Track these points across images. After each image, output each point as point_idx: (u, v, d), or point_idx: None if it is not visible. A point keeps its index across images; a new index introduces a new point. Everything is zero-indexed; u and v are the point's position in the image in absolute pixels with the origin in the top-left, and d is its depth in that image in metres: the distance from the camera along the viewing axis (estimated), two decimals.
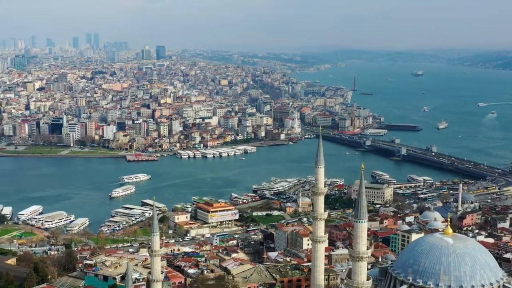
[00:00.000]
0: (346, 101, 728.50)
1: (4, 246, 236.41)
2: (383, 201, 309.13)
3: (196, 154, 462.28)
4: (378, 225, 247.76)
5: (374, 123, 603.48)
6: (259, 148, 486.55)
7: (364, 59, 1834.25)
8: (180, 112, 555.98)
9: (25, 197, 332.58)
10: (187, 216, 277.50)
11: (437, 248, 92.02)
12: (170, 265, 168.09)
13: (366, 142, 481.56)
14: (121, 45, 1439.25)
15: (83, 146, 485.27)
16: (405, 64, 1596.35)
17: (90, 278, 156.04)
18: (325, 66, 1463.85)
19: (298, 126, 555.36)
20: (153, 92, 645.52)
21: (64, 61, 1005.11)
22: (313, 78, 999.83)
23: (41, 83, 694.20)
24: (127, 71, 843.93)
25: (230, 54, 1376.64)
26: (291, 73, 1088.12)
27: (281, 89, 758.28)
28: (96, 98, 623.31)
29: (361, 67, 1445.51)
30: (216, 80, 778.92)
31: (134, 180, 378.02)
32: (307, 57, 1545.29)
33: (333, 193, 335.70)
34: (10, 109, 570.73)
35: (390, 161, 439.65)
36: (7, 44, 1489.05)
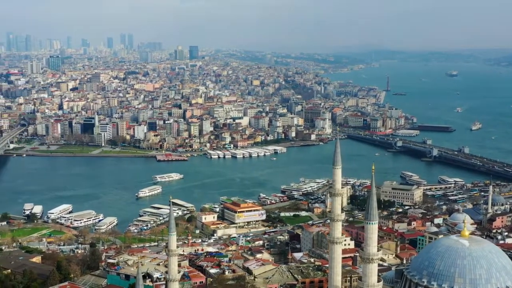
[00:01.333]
0: (379, 101, 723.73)
1: (33, 244, 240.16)
2: (412, 202, 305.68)
3: (226, 154, 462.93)
4: (406, 226, 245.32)
5: (406, 124, 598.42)
6: (289, 148, 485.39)
7: (398, 59, 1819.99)
8: (211, 112, 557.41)
9: (55, 196, 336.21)
10: (214, 216, 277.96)
11: (452, 250, 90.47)
12: (192, 264, 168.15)
13: (397, 143, 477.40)
14: (154, 46, 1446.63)
15: (114, 146, 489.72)
16: (440, 64, 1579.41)
17: (112, 277, 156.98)
18: (359, 66, 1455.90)
19: (329, 126, 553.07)
20: (185, 92, 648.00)
21: (98, 61, 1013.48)
22: (346, 78, 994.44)
23: (75, 83, 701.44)
24: (160, 72, 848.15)
25: (263, 54, 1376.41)
26: (324, 73, 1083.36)
27: (313, 89, 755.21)
28: (128, 98, 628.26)
29: (395, 67, 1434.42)
30: (248, 81, 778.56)
31: (167, 179, 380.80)
32: (340, 57, 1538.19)
33: (362, 194, 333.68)
34: (43, 109, 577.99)
35: (421, 162, 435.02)
36: (43, 44, 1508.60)
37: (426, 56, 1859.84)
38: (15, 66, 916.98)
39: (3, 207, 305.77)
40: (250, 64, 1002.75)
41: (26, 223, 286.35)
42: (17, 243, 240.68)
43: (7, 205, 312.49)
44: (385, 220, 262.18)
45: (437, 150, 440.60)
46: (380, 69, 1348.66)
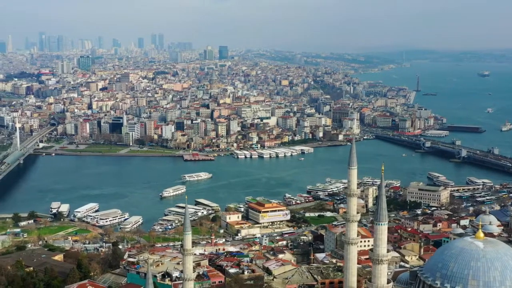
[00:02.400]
0: (408, 101, 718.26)
1: (59, 242, 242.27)
2: (439, 203, 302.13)
3: (253, 154, 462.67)
4: (431, 228, 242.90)
5: (436, 124, 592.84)
6: (316, 148, 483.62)
7: (429, 59, 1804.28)
8: (239, 112, 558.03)
9: (82, 195, 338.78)
10: (239, 216, 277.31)
11: (466, 252, 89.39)
12: (212, 264, 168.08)
13: (426, 144, 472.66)
14: (185, 46, 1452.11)
15: (141, 145, 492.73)
16: (471, 65, 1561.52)
17: (132, 276, 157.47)
18: (389, 66, 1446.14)
19: (357, 126, 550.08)
20: (213, 92, 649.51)
21: (128, 61, 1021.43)
22: (376, 78, 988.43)
23: (104, 83, 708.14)
24: (189, 72, 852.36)
25: (293, 54, 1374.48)
26: (354, 73, 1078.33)
27: (342, 89, 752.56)
28: (156, 98, 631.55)
29: (426, 67, 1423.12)
30: (276, 81, 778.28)
31: (196, 178, 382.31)
32: (371, 57, 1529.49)
33: (388, 194, 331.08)
34: (73, 109, 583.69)
35: (450, 163, 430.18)
36: (75, 45, 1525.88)
37: (458, 56, 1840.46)
38: (47, 66, 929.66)
39: (31, 205, 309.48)
40: (279, 64, 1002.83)
41: (53, 221, 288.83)
42: (43, 241, 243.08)
43: (34, 204, 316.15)
44: (410, 221, 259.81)
45: (466, 151, 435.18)
46: (411, 69, 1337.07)
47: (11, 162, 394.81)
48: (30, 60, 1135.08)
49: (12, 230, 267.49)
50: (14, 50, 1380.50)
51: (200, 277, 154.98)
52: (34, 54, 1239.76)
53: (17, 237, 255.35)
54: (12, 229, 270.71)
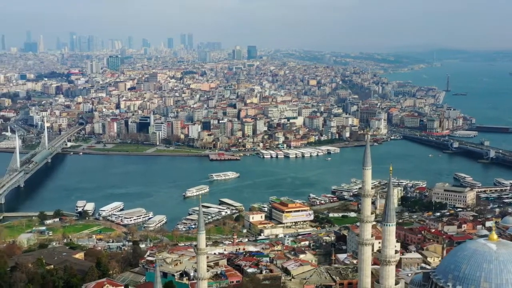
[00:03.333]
0: (438, 101, 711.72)
1: (83, 241, 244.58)
2: (465, 204, 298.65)
3: (279, 154, 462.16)
4: (455, 229, 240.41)
5: (465, 125, 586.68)
6: (342, 149, 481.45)
7: (460, 58, 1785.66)
8: (266, 112, 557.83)
9: (108, 194, 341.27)
10: (262, 216, 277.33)
11: (479, 254, 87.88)
12: (230, 264, 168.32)
13: (453, 144, 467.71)
14: (214, 46, 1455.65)
15: (168, 145, 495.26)
16: (505, 64, 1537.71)
17: (151, 274, 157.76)
18: (419, 66, 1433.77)
19: (384, 127, 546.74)
20: (240, 92, 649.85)
21: (157, 61, 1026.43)
22: (406, 78, 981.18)
23: (132, 83, 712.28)
24: (218, 71, 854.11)
25: (322, 54, 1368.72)
26: (383, 73, 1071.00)
27: (371, 89, 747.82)
28: (184, 97, 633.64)
29: (457, 67, 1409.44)
30: (304, 80, 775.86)
31: (223, 177, 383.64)
32: (401, 57, 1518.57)
33: (414, 195, 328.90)
34: (101, 108, 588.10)
35: (478, 164, 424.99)
36: (105, 45, 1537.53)
37: (491, 56, 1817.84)
38: (77, 66, 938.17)
39: (57, 204, 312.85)
40: (307, 64, 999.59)
41: (78, 220, 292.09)
42: (67, 240, 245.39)
43: (61, 202, 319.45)
44: (434, 222, 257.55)
45: (494, 152, 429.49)
46: (441, 69, 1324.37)
47: (39, 161, 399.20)
48: (61, 60, 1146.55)
49: (38, 228, 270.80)
50: (45, 50, 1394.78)
51: (217, 276, 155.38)
52: (65, 54, 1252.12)
53: (42, 235, 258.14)
54: (37, 227, 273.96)
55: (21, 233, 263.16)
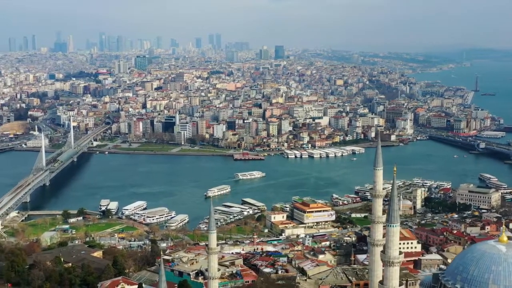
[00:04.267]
0: (466, 102, 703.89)
1: (105, 239, 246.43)
2: (489, 206, 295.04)
3: (303, 154, 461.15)
4: (478, 230, 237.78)
5: (492, 125, 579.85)
6: (367, 149, 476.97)
7: (490, 58, 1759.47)
8: (291, 112, 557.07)
9: (131, 193, 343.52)
10: (284, 216, 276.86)
11: (488, 256, 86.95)
12: (246, 263, 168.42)
13: (480, 145, 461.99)
14: (242, 46, 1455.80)
15: (193, 145, 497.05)
16: None
17: (167, 273, 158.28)
18: (449, 66, 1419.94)
19: (410, 127, 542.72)
20: (266, 92, 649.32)
21: (184, 61, 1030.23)
22: (434, 78, 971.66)
23: (159, 83, 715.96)
24: (244, 71, 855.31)
25: (350, 54, 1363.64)
26: (412, 73, 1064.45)
27: (398, 89, 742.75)
28: (210, 97, 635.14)
29: (487, 66, 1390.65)
30: (331, 80, 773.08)
31: (249, 177, 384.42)
32: (430, 56, 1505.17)
33: (438, 196, 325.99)
34: (127, 108, 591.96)
35: (505, 165, 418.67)
36: (134, 45, 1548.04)
37: None
38: (105, 66, 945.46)
39: (81, 202, 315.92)
40: (334, 63, 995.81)
41: (101, 218, 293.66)
42: (89, 238, 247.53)
43: (85, 201, 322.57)
44: (457, 223, 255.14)
45: None
46: (471, 68, 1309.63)
47: (64, 160, 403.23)
48: (90, 60, 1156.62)
49: (61, 227, 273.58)
50: (75, 50, 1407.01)
51: (233, 276, 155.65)
52: (94, 54, 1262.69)
53: (65, 234, 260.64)
54: (61, 225, 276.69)
55: (44, 231, 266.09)
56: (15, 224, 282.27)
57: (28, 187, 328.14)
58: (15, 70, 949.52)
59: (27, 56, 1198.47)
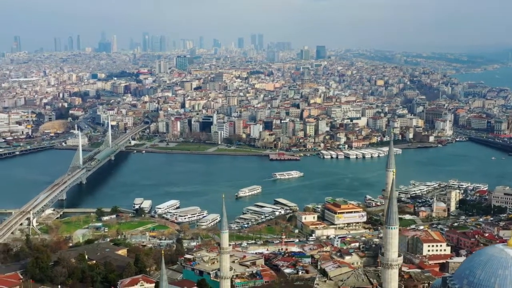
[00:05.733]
0: (508, 103, 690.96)
1: (136, 238, 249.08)
2: None
3: (339, 154, 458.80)
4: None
5: None
6: (405, 150, 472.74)
7: None
8: (329, 112, 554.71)
9: (166, 192, 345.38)
10: (314, 217, 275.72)
11: (495, 260, 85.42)
12: (268, 263, 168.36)
13: None
14: (283, 46, 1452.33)
15: (229, 144, 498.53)
16: None
17: (187, 272, 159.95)
18: (493, 66, 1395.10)
19: (449, 128, 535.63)
20: (304, 92, 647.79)
21: (225, 61, 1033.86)
22: (478, 79, 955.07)
23: (198, 83, 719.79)
24: (285, 71, 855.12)
25: (393, 54, 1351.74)
26: (455, 73, 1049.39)
27: (439, 90, 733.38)
28: (248, 97, 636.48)
29: None
30: (372, 81, 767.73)
31: (287, 177, 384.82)
32: (474, 57, 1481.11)
33: (473, 198, 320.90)
34: (166, 107, 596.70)
35: None
36: (177, 45, 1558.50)
37: None
38: (147, 66, 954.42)
39: (116, 200, 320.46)
40: (375, 64, 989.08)
41: (134, 217, 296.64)
42: (121, 236, 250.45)
43: (119, 199, 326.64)
44: (490, 226, 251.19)
45: None
46: None
47: (101, 158, 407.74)
48: (133, 60, 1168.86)
49: (94, 224, 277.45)
50: (118, 50, 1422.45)
51: (253, 275, 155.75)
52: (137, 54, 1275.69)
53: (97, 231, 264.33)
54: (94, 223, 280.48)
55: (78, 228, 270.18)
56: (50, 221, 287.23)
57: (64, 185, 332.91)
58: (59, 70, 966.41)
59: (71, 56, 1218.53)
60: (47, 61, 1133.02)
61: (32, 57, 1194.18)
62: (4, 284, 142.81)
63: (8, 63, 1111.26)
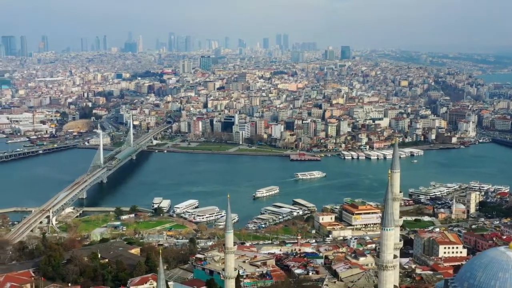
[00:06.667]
0: None
1: (153, 237, 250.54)
2: None
3: (360, 155, 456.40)
4: None
5: None
6: (427, 151, 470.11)
7: None
8: (351, 113, 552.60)
9: (185, 191, 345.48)
10: (332, 217, 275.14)
11: (495, 262, 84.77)
12: (279, 264, 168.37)
13: None
14: (309, 46, 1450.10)
15: (250, 144, 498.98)
16: None
17: (198, 272, 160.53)
18: None
19: (472, 129, 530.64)
20: (327, 93, 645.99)
21: (249, 61, 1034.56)
22: (505, 79, 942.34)
23: (221, 83, 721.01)
24: (308, 72, 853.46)
25: (419, 54, 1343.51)
26: (481, 74, 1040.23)
27: (464, 91, 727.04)
28: (270, 97, 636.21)
29: None
30: (396, 81, 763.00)
31: (308, 177, 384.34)
32: (501, 57, 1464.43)
33: (494, 200, 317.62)
34: (189, 107, 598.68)
35: None
36: (202, 45, 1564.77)
37: None
38: (171, 66, 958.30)
39: (135, 199, 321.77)
40: (400, 64, 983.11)
41: (152, 216, 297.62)
42: (138, 235, 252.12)
43: (139, 198, 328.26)
44: (510, 229, 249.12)
45: None
46: None
47: (122, 158, 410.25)
48: (158, 60, 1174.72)
49: (112, 223, 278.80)
50: (144, 50, 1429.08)
51: (263, 275, 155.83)
52: (162, 54, 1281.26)
53: (115, 230, 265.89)
54: (112, 222, 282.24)
55: (96, 227, 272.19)
56: (69, 220, 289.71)
57: (84, 184, 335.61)
58: (85, 70, 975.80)
59: (97, 56, 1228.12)
60: (73, 61, 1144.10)
61: (59, 57, 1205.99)
62: (15, 281, 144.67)
63: (35, 63, 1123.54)
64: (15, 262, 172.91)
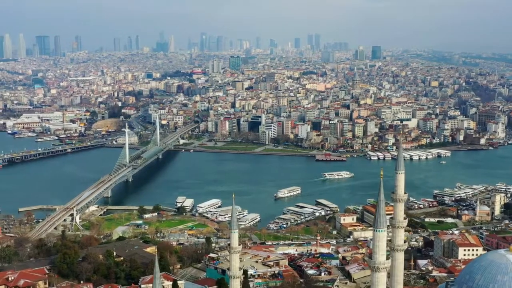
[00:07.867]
0: None
1: (174, 236, 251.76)
2: None
3: (386, 156, 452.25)
4: None
5: None
6: (454, 152, 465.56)
7: None
8: (379, 113, 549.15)
9: (209, 191, 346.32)
10: (353, 218, 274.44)
11: (494, 265, 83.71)
12: (292, 264, 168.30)
13: None
14: (340, 46, 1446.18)
15: (277, 144, 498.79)
16: None
17: (211, 271, 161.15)
18: None
19: (502, 130, 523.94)
20: (355, 93, 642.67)
21: (279, 61, 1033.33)
22: None
23: (250, 83, 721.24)
24: (338, 72, 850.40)
25: (452, 54, 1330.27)
26: None
27: (496, 91, 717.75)
28: (298, 97, 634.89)
29: None
30: (426, 82, 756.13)
31: (336, 177, 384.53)
32: None
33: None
34: (217, 107, 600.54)
35: None
36: (234, 45, 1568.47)
37: None
38: (201, 66, 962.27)
39: (159, 198, 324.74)
40: (430, 64, 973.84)
41: (175, 215, 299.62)
42: (160, 234, 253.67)
43: (163, 197, 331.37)
44: None
45: None
46: None
47: (148, 157, 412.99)
48: (189, 60, 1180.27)
49: (135, 222, 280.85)
50: (176, 50, 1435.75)
51: (274, 276, 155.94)
52: (193, 54, 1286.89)
53: (138, 229, 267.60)
54: (135, 220, 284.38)
55: (119, 225, 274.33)
56: (93, 218, 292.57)
57: (109, 182, 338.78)
58: (116, 69, 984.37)
59: (129, 56, 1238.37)
60: (105, 60, 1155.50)
61: (91, 57, 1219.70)
62: (29, 278, 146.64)
63: (68, 63, 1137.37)
64: (32, 259, 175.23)
